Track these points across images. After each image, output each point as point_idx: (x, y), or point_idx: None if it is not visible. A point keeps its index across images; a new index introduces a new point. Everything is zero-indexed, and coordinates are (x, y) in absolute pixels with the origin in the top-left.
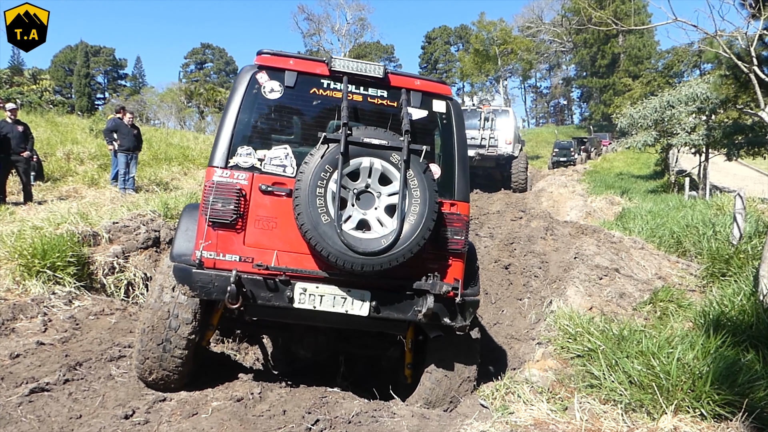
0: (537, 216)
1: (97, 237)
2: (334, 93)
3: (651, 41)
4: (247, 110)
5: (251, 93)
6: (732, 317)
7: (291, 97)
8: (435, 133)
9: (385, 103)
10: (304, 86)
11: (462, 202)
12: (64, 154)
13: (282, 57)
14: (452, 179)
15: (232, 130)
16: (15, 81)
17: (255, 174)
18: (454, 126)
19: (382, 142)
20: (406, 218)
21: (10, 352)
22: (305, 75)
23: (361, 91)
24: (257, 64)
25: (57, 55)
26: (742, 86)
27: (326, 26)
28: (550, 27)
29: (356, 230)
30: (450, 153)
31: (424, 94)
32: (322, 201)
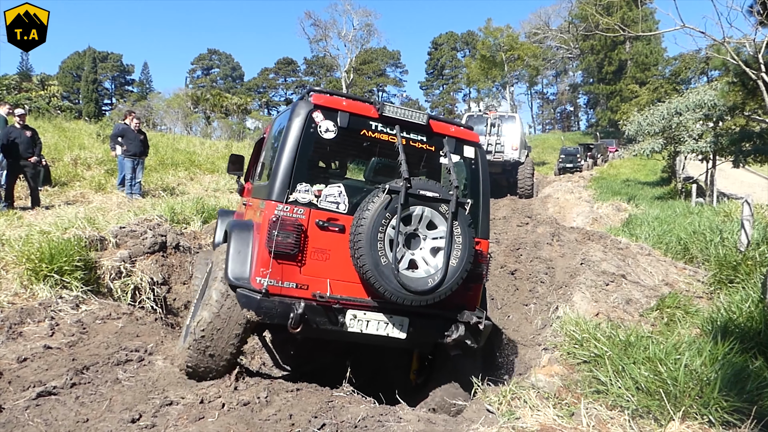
0: (543, 222)
1: (104, 242)
2: (381, 135)
3: (658, 48)
4: (305, 148)
5: (308, 131)
6: (740, 324)
7: (344, 137)
8: (464, 175)
9: (425, 147)
10: (356, 127)
11: (484, 239)
12: (71, 159)
13: (336, 97)
14: (477, 219)
15: (291, 166)
16: (23, 87)
17: (312, 210)
18: (481, 170)
19: (435, 194)
20: (450, 261)
21: (17, 356)
22: (357, 116)
23: (405, 134)
24: (313, 103)
25: (65, 60)
26: (749, 93)
27: (333, 32)
28: (557, 33)
29: (407, 270)
30: (477, 194)
31: (458, 141)
32: (382, 245)
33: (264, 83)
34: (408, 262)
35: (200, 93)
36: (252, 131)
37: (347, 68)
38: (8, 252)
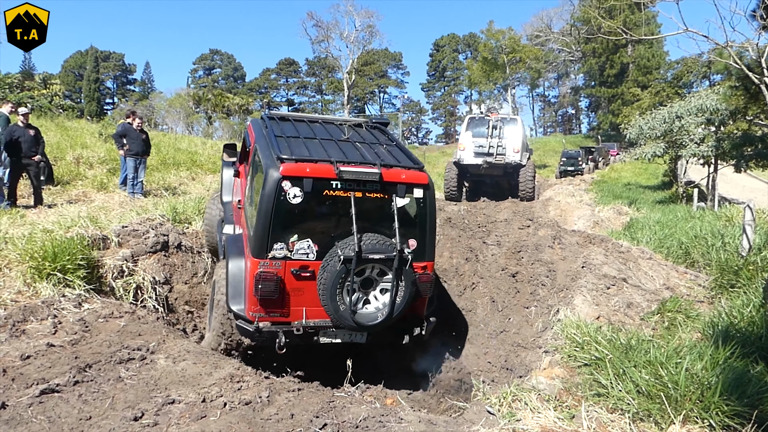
0: (544, 225)
1: (107, 240)
2: (340, 192)
3: (660, 51)
4: (278, 214)
5: (279, 199)
6: (741, 329)
7: (309, 198)
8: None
9: (380, 195)
10: (319, 188)
11: (430, 262)
12: (73, 158)
13: (301, 164)
14: (425, 246)
15: (267, 232)
16: (26, 85)
17: (287, 261)
18: (428, 207)
19: (382, 256)
20: (396, 300)
21: (20, 354)
22: (319, 180)
23: (361, 188)
24: (281, 174)
25: (67, 60)
26: (752, 97)
27: (335, 33)
28: (558, 36)
29: (362, 306)
30: (424, 227)
31: (408, 185)
32: (340, 296)
33: (266, 84)
34: (363, 301)
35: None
36: None
37: (349, 69)
38: (11, 250)
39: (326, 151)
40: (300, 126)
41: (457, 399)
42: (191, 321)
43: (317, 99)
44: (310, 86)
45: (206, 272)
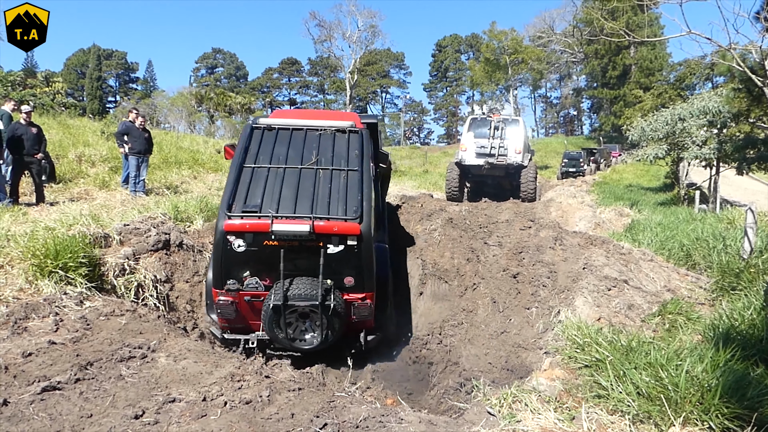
0: (546, 226)
1: (108, 239)
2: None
3: (663, 53)
4: (227, 259)
5: (226, 248)
6: (742, 331)
7: (251, 247)
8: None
9: (315, 244)
10: (258, 239)
11: (369, 292)
12: (75, 156)
13: (242, 222)
14: (363, 281)
15: (220, 272)
16: (28, 83)
17: (239, 291)
18: (363, 250)
19: (306, 303)
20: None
21: (22, 351)
22: (257, 233)
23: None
24: (224, 229)
25: (70, 58)
26: (755, 100)
27: (337, 33)
28: (561, 37)
29: (301, 335)
30: (360, 266)
31: (341, 236)
32: (279, 329)
33: (268, 83)
34: (301, 330)
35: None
36: None
37: (351, 69)
38: (14, 248)
39: (275, 190)
40: (279, 142)
41: (458, 400)
42: (192, 319)
43: (320, 98)
44: (312, 86)
45: (208, 270)
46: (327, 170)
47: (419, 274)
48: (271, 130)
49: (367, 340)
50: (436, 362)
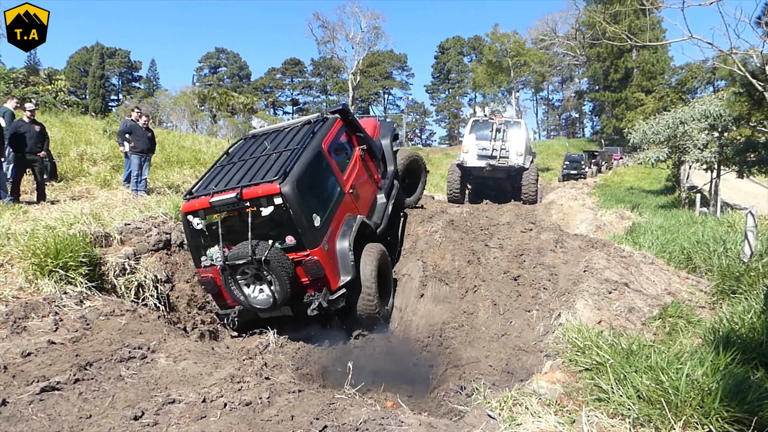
0: (547, 228)
1: (109, 238)
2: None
3: (665, 56)
4: (194, 238)
5: (189, 227)
6: (742, 335)
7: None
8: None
9: (249, 209)
10: (208, 214)
11: (314, 249)
12: (77, 155)
13: (192, 201)
14: (301, 240)
15: (194, 250)
16: (31, 81)
17: (213, 266)
18: (293, 207)
19: (241, 260)
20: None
21: (21, 351)
22: (205, 209)
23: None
24: (183, 211)
25: (73, 56)
26: (755, 104)
27: (341, 34)
28: (563, 40)
29: (258, 295)
30: (294, 225)
31: (267, 197)
32: (236, 290)
33: (271, 83)
34: (258, 290)
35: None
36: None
37: (354, 70)
38: (14, 246)
39: (233, 176)
40: (253, 144)
41: (458, 402)
42: (192, 319)
43: (322, 99)
44: (315, 86)
45: None
46: (275, 154)
47: (420, 276)
48: (254, 137)
49: (329, 299)
50: (436, 364)
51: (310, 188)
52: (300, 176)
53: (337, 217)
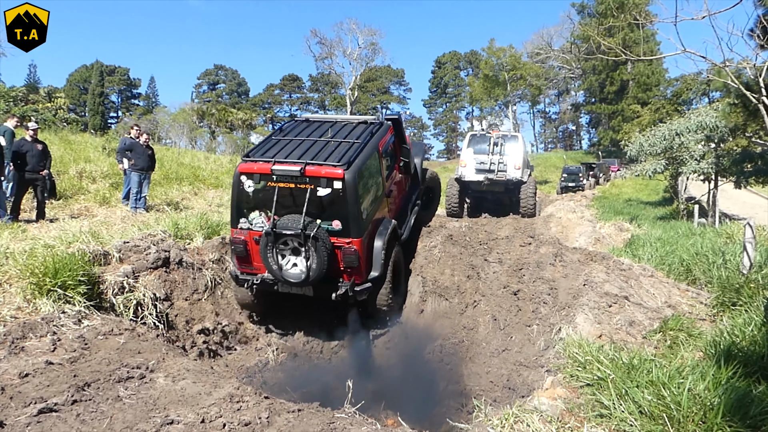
0: (546, 242)
1: (108, 256)
2: (277, 183)
3: (660, 69)
4: (239, 198)
5: (239, 188)
6: (743, 348)
7: (258, 186)
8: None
9: (306, 186)
10: (264, 180)
11: (356, 239)
12: (76, 173)
13: (251, 163)
14: (348, 227)
15: (236, 210)
16: (30, 99)
17: (249, 231)
18: (348, 195)
19: (290, 231)
20: (311, 266)
21: (19, 371)
22: (262, 174)
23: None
24: (239, 171)
25: (72, 74)
26: (751, 114)
27: (338, 50)
28: (559, 54)
29: (292, 268)
30: (346, 211)
31: (328, 179)
32: (272, 258)
33: (269, 99)
34: (293, 264)
35: (206, 108)
36: None
37: (352, 86)
38: (12, 266)
39: (292, 151)
40: (308, 127)
41: (459, 420)
42: (191, 337)
43: (320, 114)
44: (313, 102)
45: (207, 288)
46: (334, 142)
47: (419, 292)
48: (307, 121)
49: (355, 290)
50: (437, 381)
51: (364, 182)
52: (360, 168)
53: (376, 215)
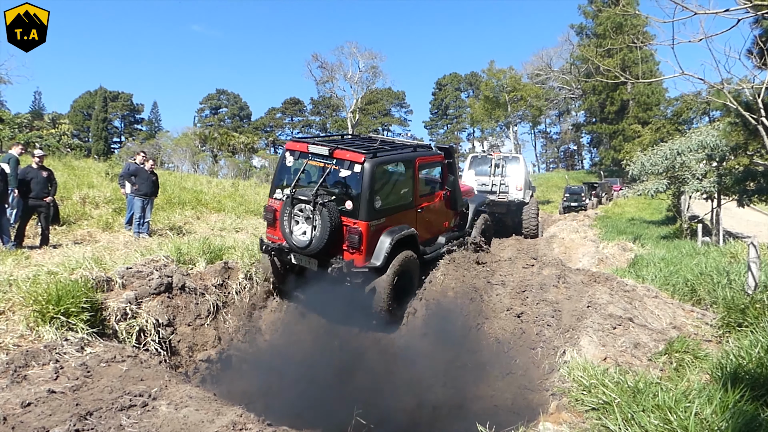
0: (549, 263)
1: (111, 282)
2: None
3: (659, 88)
4: (281, 171)
5: (282, 161)
6: (750, 370)
7: (296, 163)
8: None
9: (333, 166)
10: (301, 158)
11: (362, 221)
12: (80, 198)
13: (295, 143)
14: (357, 209)
15: (275, 182)
16: (35, 125)
17: (281, 201)
18: (363, 179)
19: (304, 197)
20: (315, 234)
21: (21, 401)
22: (300, 152)
23: (321, 160)
24: (286, 148)
25: (76, 100)
26: (751, 133)
27: (339, 74)
28: (559, 74)
29: (301, 235)
30: (359, 194)
31: (350, 162)
32: (287, 223)
33: (271, 122)
34: (302, 231)
35: (208, 132)
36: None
37: (353, 108)
38: (16, 293)
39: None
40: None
41: None
42: (193, 363)
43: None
44: (314, 125)
45: (210, 313)
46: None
47: (422, 315)
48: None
49: (352, 269)
50: (439, 405)
51: (385, 178)
52: (382, 162)
53: (396, 217)
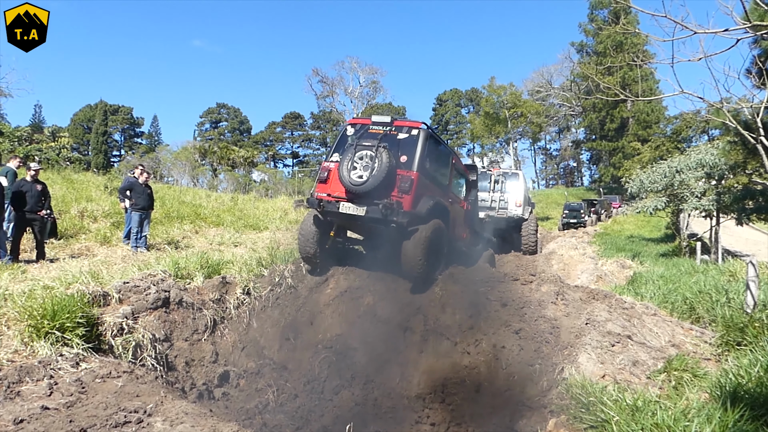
0: (547, 280)
1: (107, 297)
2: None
3: (659, 106)
4: (341, 141)
5: (343, 133)
6: (749, 389)
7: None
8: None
9: (391, 131)
10: (362, 131)
11: (414, 171)
12: (78, 212)
13: (356, 119)
14: (412, 161)
15: (335, 148)
16: (35, 138)
17: (336, 163)
18: (419, 142)
19: (369, 143)
20: (372, 175)
21: (14, 417)
22: (363, 125)
23: (381, 128)
24: (348, 122)
25: (77, 113)
26: (750, 152)
27: (339, 89)
28: (559, 91)
29: (357, 178)
30: (413, 151)
31: (408, 128)
32: (347, 165)
33: (271, 136)
34: (358, 176)
35: (208, 146)
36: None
37: None
38: (11, 308)
39: None
40: None
41: None
42: (190, 378)
43: (322, 151)
44: (315, 139)
45: (207, 328)
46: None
47: (421, 330)
48: None
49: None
50: (438, 423)
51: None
52: (434, 136)
53: (434, 193)
